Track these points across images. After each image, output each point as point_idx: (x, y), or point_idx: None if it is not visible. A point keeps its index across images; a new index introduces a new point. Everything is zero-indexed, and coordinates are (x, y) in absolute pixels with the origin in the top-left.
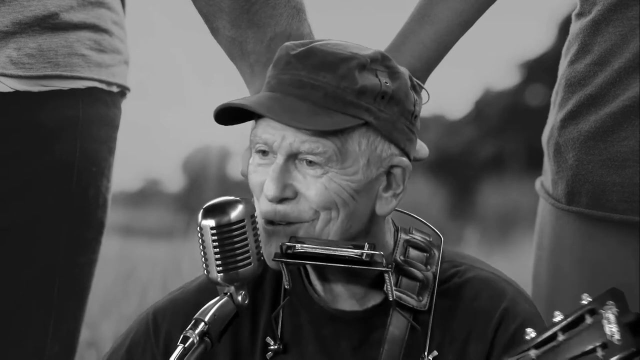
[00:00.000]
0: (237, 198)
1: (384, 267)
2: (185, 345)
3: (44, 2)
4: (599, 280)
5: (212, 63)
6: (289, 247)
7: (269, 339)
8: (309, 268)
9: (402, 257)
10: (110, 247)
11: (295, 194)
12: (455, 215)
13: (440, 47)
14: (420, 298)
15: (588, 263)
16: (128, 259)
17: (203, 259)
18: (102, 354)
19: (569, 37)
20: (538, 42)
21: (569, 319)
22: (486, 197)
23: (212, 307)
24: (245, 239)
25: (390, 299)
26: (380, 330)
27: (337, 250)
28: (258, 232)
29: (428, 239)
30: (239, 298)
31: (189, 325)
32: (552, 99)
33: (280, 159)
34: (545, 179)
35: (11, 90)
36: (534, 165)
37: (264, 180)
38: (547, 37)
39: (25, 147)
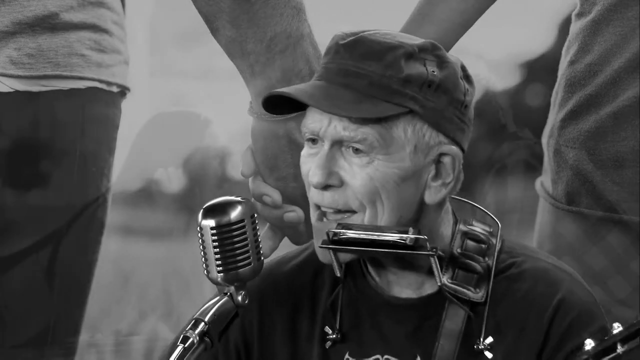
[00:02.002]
0: (237, 198)
1: (428, 251)
2: (185, 345)
3: (44, 2)
4: (599, 280)
5: (212, 61)
6: (334, 234)
7: (327, 329)
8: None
9: (459, 250)
10: (110, 247)
11: (341, 182)
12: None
13: None
14: (478, 290)
15: (588, 262)
16: (128, 259)
17: (203, 259)
18: (102, 354)
19: (569, 37)
20: (538, 42)
21: (630, 331)
22: (486, 196)
23: (212, 307)
24: (245, 239)
25: (439, 284)
26: (435, 319)
27: (381, 236)
28: (258, 232)
29: (488, 229)
30: (239, 298)
31: (189, 325)
32: (552, 99)
33: (326, 145)
34: (545, 179)
35: (11, 90)
36: (534, 165)
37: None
38: (547, 37)
39: (25, 147)
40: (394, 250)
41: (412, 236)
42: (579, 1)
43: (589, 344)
